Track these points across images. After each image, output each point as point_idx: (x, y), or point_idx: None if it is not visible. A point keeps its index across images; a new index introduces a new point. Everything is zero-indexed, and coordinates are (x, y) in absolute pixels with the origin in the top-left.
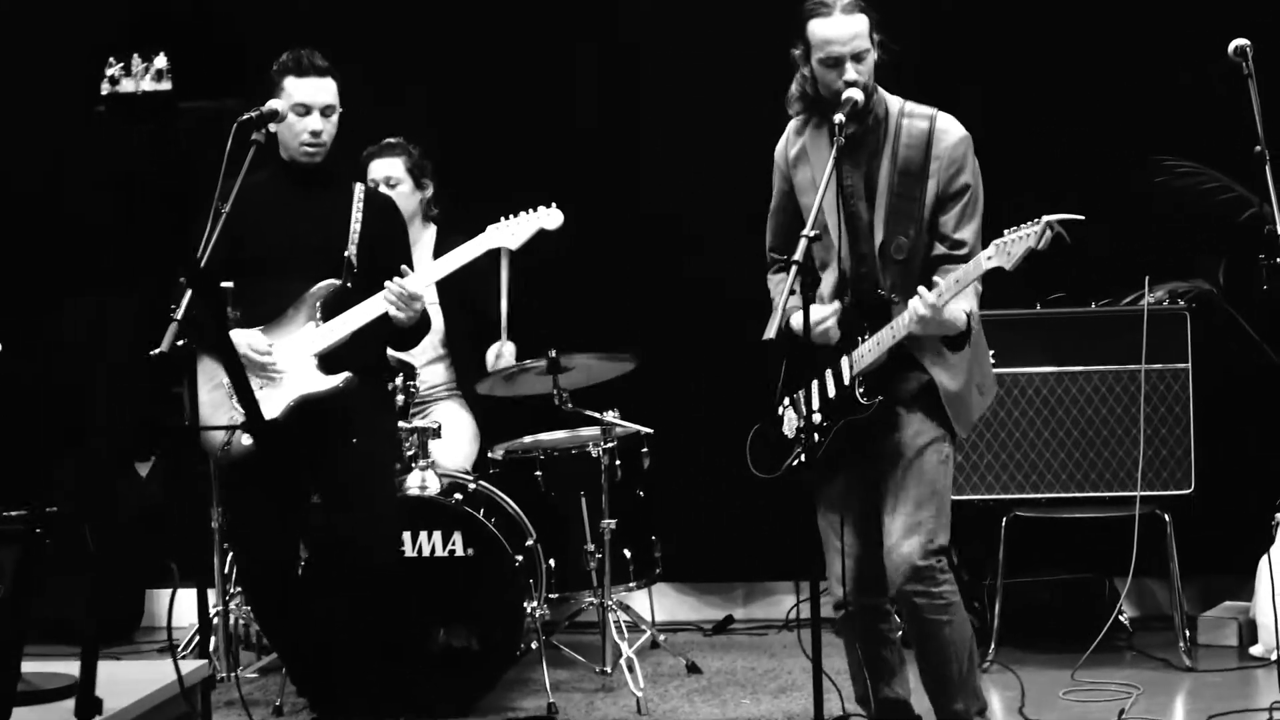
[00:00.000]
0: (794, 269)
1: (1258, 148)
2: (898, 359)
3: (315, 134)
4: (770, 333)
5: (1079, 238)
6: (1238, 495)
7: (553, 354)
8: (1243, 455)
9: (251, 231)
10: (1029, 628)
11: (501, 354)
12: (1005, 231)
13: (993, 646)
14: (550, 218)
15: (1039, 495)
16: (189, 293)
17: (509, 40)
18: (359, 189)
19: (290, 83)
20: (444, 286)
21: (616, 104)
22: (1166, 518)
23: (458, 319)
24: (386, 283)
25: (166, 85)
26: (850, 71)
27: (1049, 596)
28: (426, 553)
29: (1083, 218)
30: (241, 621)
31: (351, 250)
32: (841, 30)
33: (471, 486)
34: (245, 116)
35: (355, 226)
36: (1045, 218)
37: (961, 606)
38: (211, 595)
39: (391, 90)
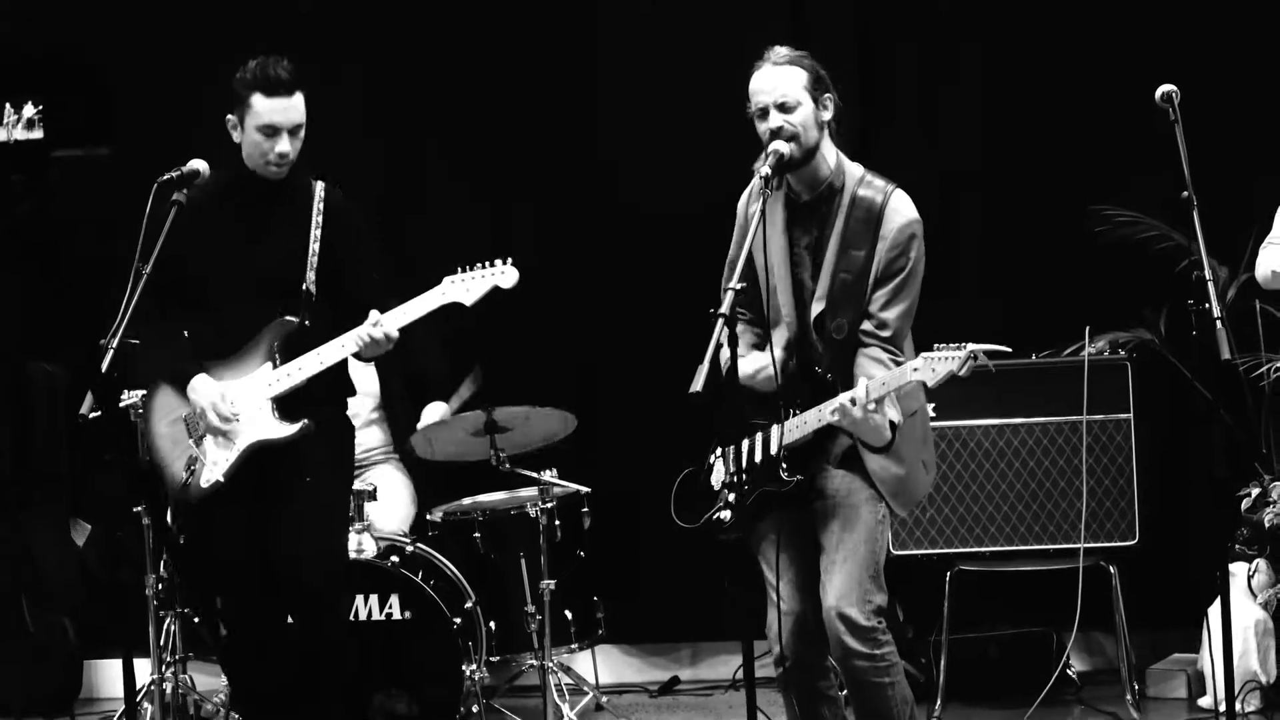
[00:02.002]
0: (720, 321)
1: (1184, 193)
2: (831, 430)
3: (283, 156)
4: (696, 385)
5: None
6: (1184, 545)
7: (490, 411)
8: (1188, 505)
9: (203, 249)
10: (975, 683)
11: (434, 414)
12: (935, 346)
13: (939, 702)
14: (506, 276)
15: (983, 549)
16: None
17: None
18: (319, 192)
19: (258, 101)
20: None
21: (576, 152)
22: (1112, 569)
23: (394, 381)
24: (358, 331)
25: (38, 134)
26: (775, 119)
27: (995, 651)
28: (364, 617)
29: (1008, 349)
30: (180, 691)
31: (310, 279)
32: (767, 80)
33: (409, 549)
34: (166, 177)
35: (314, 246)
36: (970, 346)
37: (901, 667)
38: (147, 665)
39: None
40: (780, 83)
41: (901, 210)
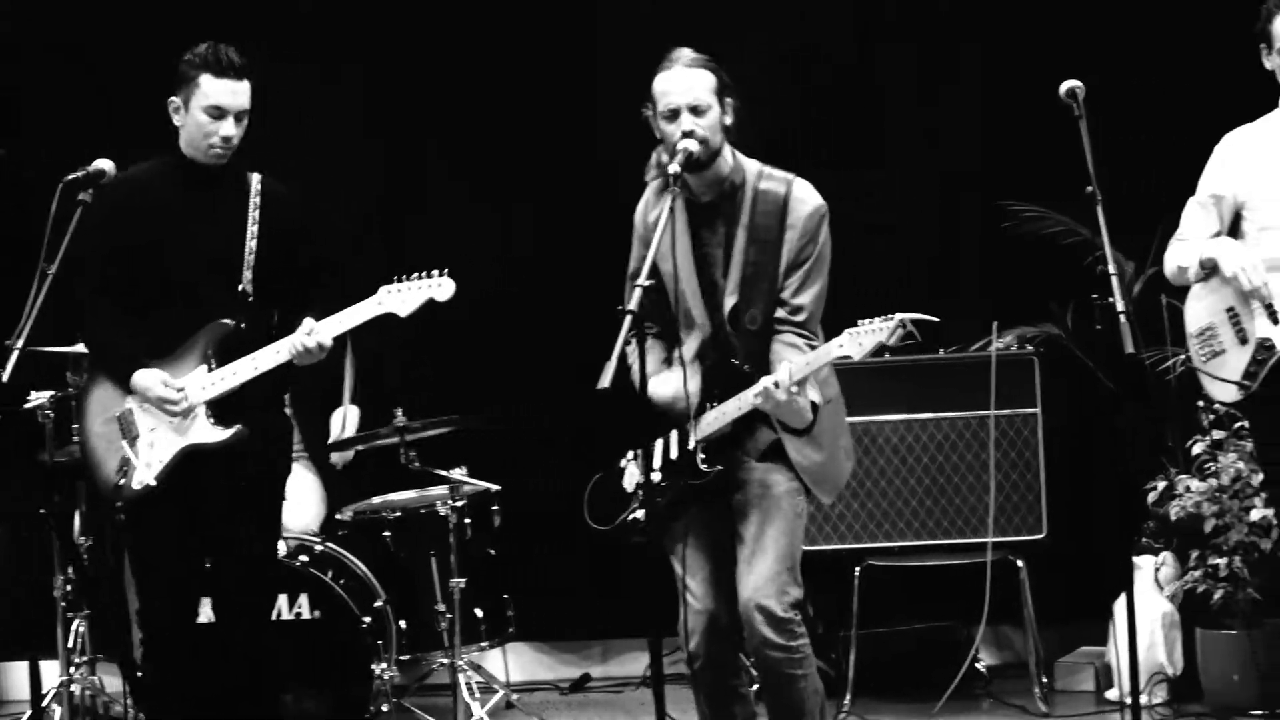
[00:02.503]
0: (627, 319)
1: (1089, 188)
2: (750, 423)
3: (227, 139)
4: (604, 382)
5: (929, 334)
6: (1091, 539)
7: (399, 420)
8: (1094, 499)
9: (141, 237)
10: (885, 678)
11: (346, 419)
12: (860, 321)
13: (848, 698)
14: (442, 288)
15: (891, 544)
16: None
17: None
18: (255, 184)
19: (207, 81)
20: None
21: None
22: (1019, 563)
23: (303, 381)
24: (292, 339)
25: None
26: (686, 122)
27: (904, 646)
28: (273, 616)
29: (936, 319)
30: (89, 693)
31: (246, 278)
32: (678, 82)
33: (318, 548)
34: (70, 177)
35: (251, 243)
36: (899, 315)
37: (814, 660)
38: (55, 668)
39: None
40: (692, 85)
41: (807, 198)
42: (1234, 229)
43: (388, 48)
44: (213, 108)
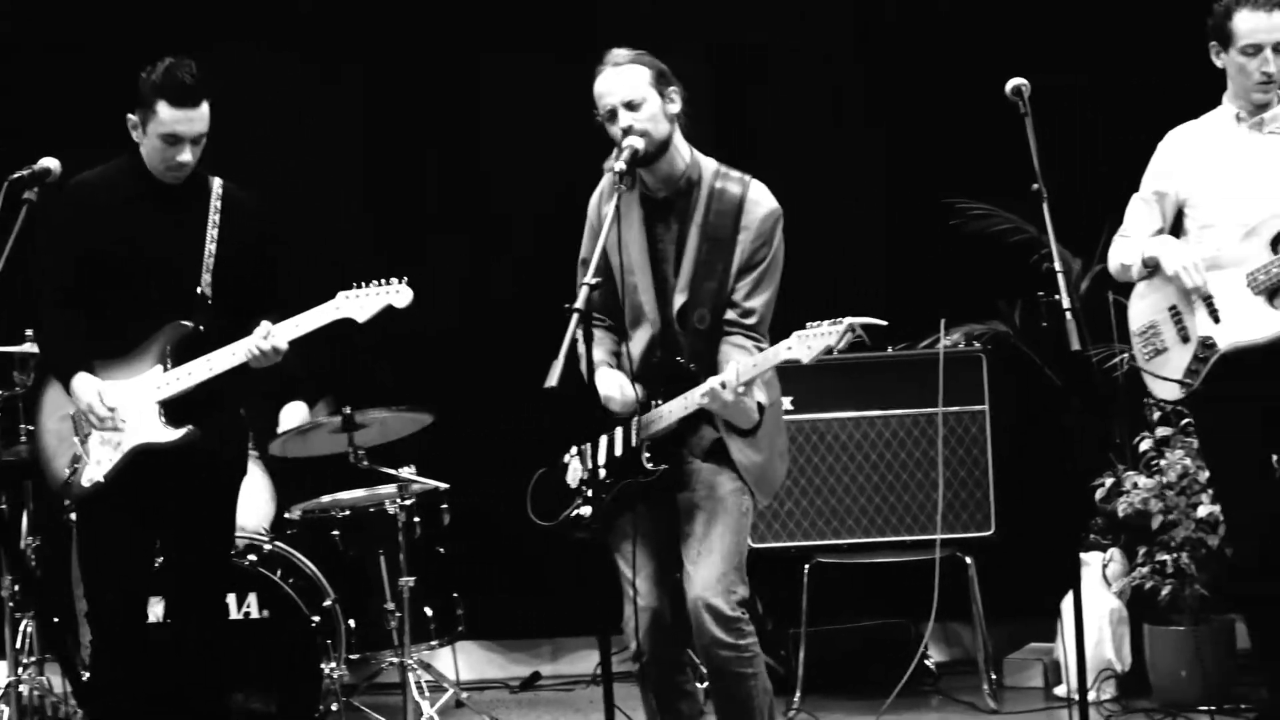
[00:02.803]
0: (575, 317)
1: (1034, 185)
2: (694, 423)
3: (183, 165)
4: (551, 380)
5: (877, 336)
6: (1040, 536)
7: (347, 411)
8: (1043, 495)
9: (101, 243)
10: (834, 675)
11: (294, 414)
12: (808, 324)
13: (798, 695)
14: (400, 296)
15: (840, 541)
16: None
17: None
18: (216, 189)
19: (163, 109)
20: None
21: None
22: (968, 560)
23: (252, 377)
24: (248, 342)
25: None
26: (625, 118)
27: (853, 643)
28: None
29: (884, 323)
30: (37, 694)
31: (205, 281)
32: (611, 82)
33: (267, 548)
34: (16, 175)
35: (211, 248)
36: (847, 320)
37: (762, 658)
38: (3, 668)
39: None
40: (623, 82)
41: (762, 201)
42: (1177, 226)
43: (388, 48)
44: (169, 135)
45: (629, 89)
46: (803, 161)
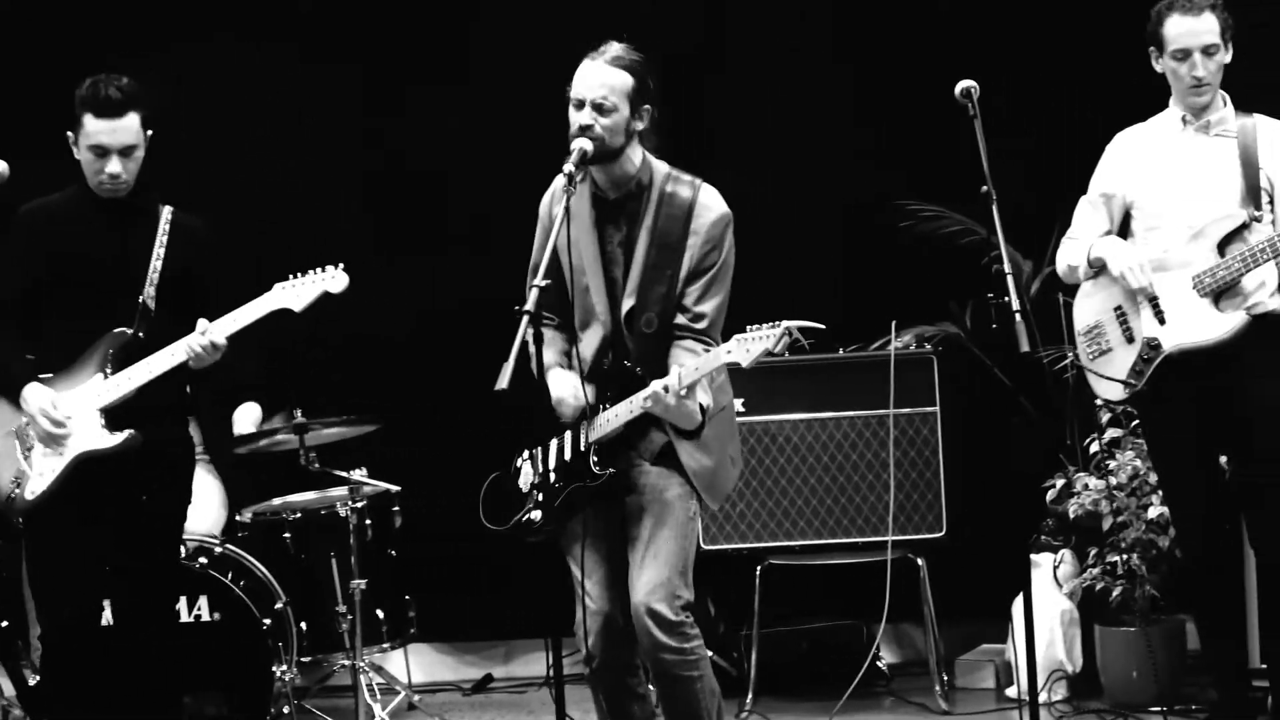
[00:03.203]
0: (525, 319)
1: (984, 187)
2: (643, 426)
3: (114, 177)
4: (502, 383)
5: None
6: (991, 537)
7: (299, 416)
8: (994, 497)
9: (48, 261)
10: (787, 676)
11: (247, 416)
12: (749, 328)
13: (750, 697)
14: (335, 281)
15: (792, 543)
16: None
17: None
18: (165, 214)
19: (89, 121)
20: None
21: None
22: (920, 561)
23: (203, 381)
24: (187, 339)
25: None
26: (586, 116)
27: (805, 644)
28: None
29: (822, 326)
30: None
31: (149, 294)
32: (593, 76)
33: (218, 550)
34: None
35: (156, 264)
36: (785, 323)
37: (709, 660)
38: None
39: None
40: (604, 83)
41: (712, 205)
42: (1124, 228)
43: (387, 48)
44: (95, 147)
45: (606, 91)
46: (755, 162)
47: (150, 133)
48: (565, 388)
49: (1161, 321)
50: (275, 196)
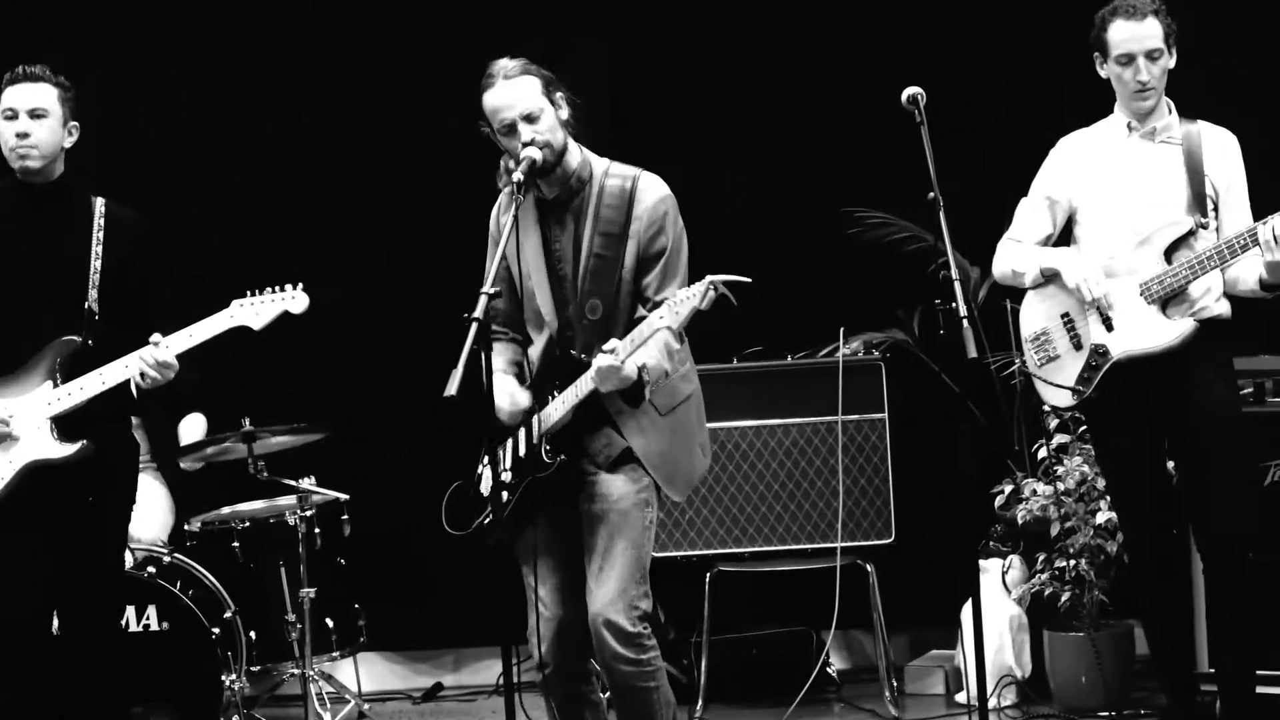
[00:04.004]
0: (474, 326)
1: (930, 194)
2: (595, 425)
3: (21, 135)
4: (450, 390)
5: (743, 297)
6: (940, 543)
7: (246, 425)
8: (943, 503)
9: None
10: (737, 683)
11: (193, 426)
12: (676, 292)
13: (700, 703)
14: (296, 301)
15: (742, 549)
16: None
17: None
18: (99, 207)
19: (5, 93)
20: None
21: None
22: (869, 568)
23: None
24: (136, 356)
25: None
26: (526, 133)
27: (756, 651)
28: (120, 628)
29: (747, 280)
30: None
31: (93, 297)
32: (505, 97)
33: (166, 559)
34: None
35: (96, 264)
36: (708, 278)
37: (664, 670)
38: None
39: None
40: (520, 95)
41: (652, 189)
42: (1065, 232)
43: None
44: (7, 110)
45: (526, 101)
46: (699, 169)
47: (76, 126)
48: (502, 394)
49: (1109, 328)
50: (209, 202)
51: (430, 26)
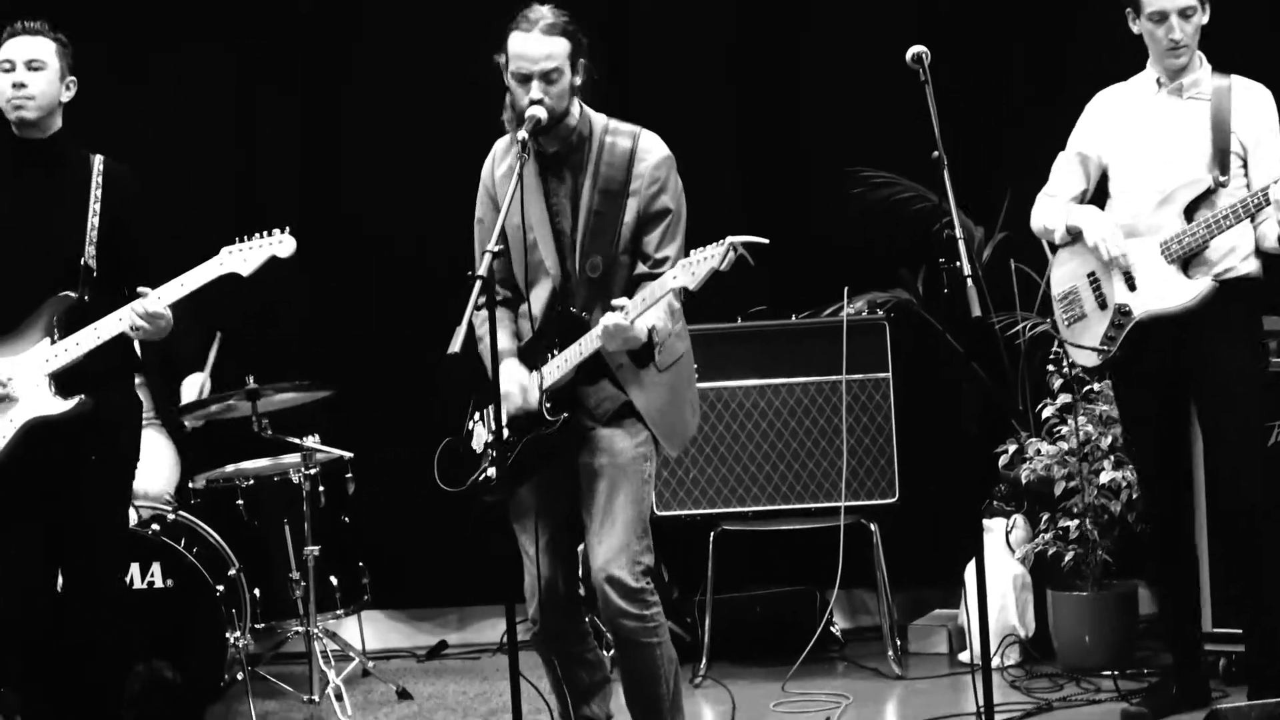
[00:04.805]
0: (477, 284)
1: (935, 153)
2: (594, 378)
3: (17, 86)
4: (454, 347)
5: (761, 258)
6: (944, 503)
7: (251, 383)
8: (947, 462)
9: None
10: (740, 642)
11: (202, 387)
12: (692, 252)
13: (704, 662)
14: (283, 245)
15: (746, 509)
16: None
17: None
18: (97, 163)
19: (2, 45)
20: None
21: (321, 115)
22: (873, 527)
23: (151, 346)
24: (128, 309)
25: None
26: (536, 90)
27: (760, 610)
28: (125, 586)
29: (766, 241)
30: None
31: (90, 253)
32: (534, 48)
33: (171, 517)
34: None
35: (93, 220)
36: (729, 239)
37: (667, 627)
38: None
39: None
40: (546, 54)
41: (653, 149)
42: (1101, 188)
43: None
44: (4, 62)
45: (551, 62)
46: (703, 128)
47: (73, 81)
48: (513, 383)
49: (1132, 288)
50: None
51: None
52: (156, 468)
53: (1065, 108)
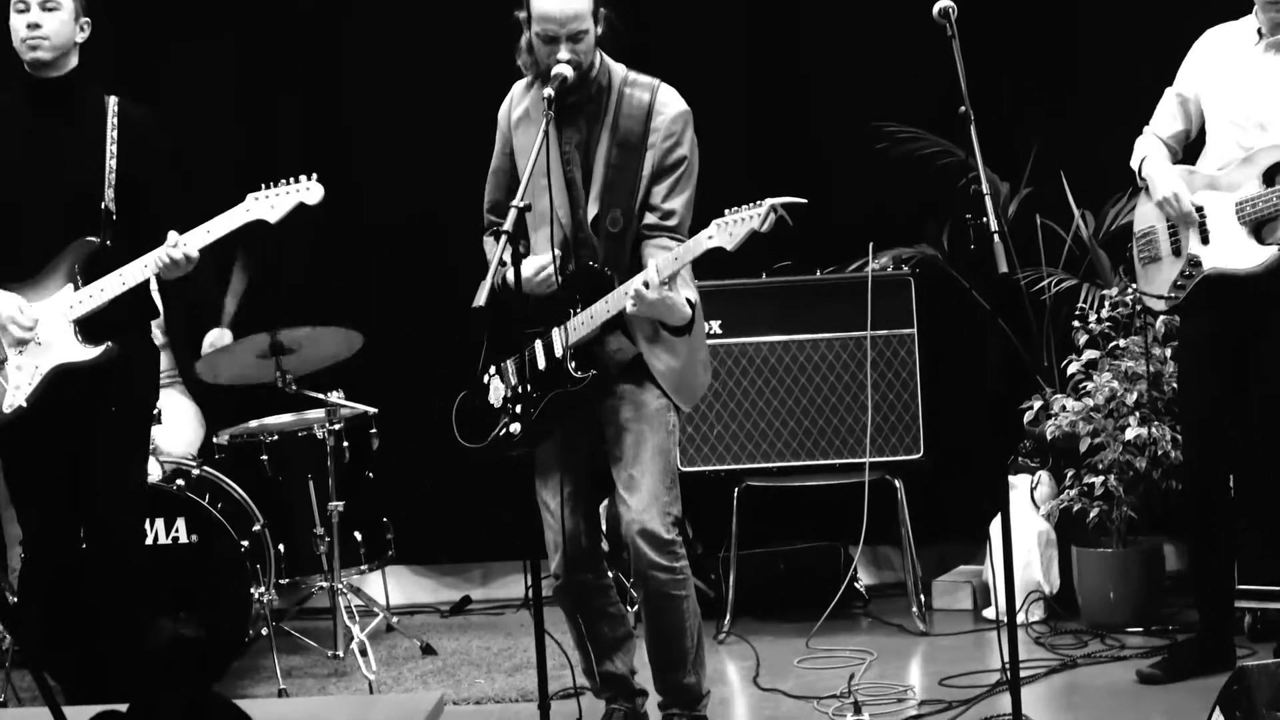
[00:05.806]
0: (503, 239)
1: (962, 108)
2: (610, 331)
3: (32, 26)
4: (480, 300)
5: (800, 219)
6: (969, 459)
7: (274, 333)
8: (972, 419)
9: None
10: (764, 598)
11: (218, 339)
12: (727, 211)
13: (728, 618)
14: (311, 192)
15: (770, 464)
16: None
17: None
18: (112, 105)
19: None
20: None
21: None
22: (897, 483)
23: (176, 304)
24: (159, 251)
25: None
26: (564, 51)
27: (784, 566)
28: (150, 540)
29: (805, 201)
30: None
31: (109, 197)
32: (561, 8)
33: (195, 472)
34: None
35: (111, 163)
36: (769, 200)
37: (693, 580)
38: None
39: None
40: (573, 14)
41: (671, 103)
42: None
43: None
44: (18, 3)
45: (577, 22)
46: (729, 83)
47: (88, 22)
48: (530, 266)
49: (1205, 241)
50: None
51: None
52: (180, 426)
53: (1087, 62)
